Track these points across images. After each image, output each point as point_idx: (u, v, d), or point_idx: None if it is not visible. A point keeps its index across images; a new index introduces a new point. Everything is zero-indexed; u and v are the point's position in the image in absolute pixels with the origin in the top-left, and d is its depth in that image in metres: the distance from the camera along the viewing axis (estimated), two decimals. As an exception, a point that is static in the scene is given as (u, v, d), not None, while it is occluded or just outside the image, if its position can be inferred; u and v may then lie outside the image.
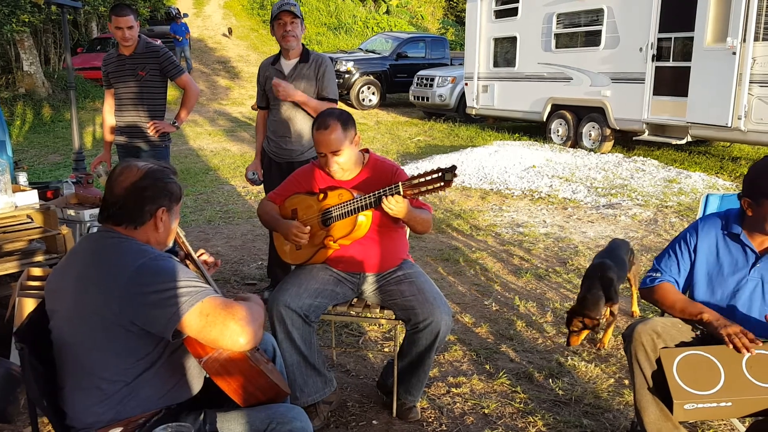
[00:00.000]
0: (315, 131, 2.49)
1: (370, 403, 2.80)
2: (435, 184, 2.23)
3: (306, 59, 3.62)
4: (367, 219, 2.45)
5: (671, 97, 8.41)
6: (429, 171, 2.25)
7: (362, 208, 2.40)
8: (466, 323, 3.67)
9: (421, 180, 2.26)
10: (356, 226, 2.44)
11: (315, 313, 2.47)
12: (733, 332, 2.00)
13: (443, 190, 2.26)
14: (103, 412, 1.57)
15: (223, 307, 1.53)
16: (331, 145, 2.45)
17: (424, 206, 2.59)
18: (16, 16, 12.22)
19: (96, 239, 1.66)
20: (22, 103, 13.16)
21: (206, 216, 6.18)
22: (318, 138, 2.48)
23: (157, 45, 4.14)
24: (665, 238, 5.31)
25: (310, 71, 3.60)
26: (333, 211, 2.49)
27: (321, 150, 2.49)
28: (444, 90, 12.96)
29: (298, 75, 3.61)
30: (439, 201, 6.78)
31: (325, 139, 2.45)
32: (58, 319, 1.61)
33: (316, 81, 3.61)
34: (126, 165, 1.68)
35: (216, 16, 24.08)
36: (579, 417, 2.68)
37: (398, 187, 2.30)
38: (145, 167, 1.67)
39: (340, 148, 2.46)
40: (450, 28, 25.41)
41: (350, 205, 2.43)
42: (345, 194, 2.47)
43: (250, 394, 1.64)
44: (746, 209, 2.09)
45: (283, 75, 3.62)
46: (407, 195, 2.30)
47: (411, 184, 2.28)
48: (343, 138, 2.46)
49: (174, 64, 4.08)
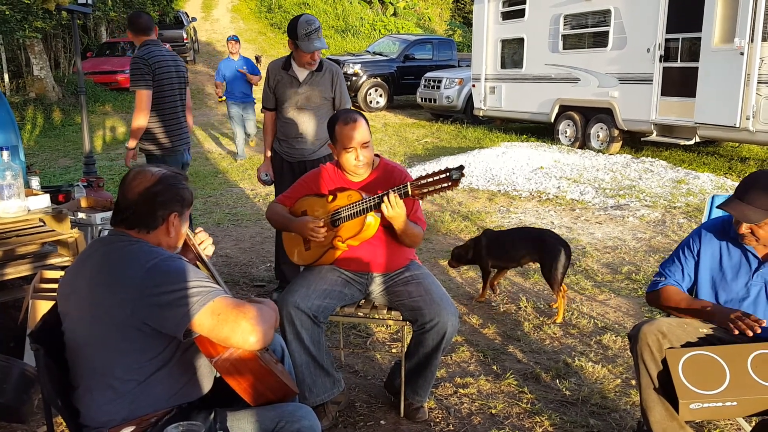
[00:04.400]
0: (342, 126, 2.54)
1: (378, 403, 2.82)
2: (443, 183, 2.25)
3: (320, 68, 3.68)
4: (375, 220, 2.47)
5: (679, 97, 8.38)
6: (437, 171, 2.27)
7: (371, 208, 2.43)
8: (473, 324, 3.69)
9: (429, 180, 2.28)
10: (365, 227, 2.47)
11: (324, 313, 2.50)
12: (735, 316, 2.03)
13: (451, 190, 2.28)
14: (116, 411, 1.60)
15: (234, 306, 1.56)
16: (362, 136, 2.53)
17: (419, 221, 2.62)
18: (29, 22, 12.35)
19: (108, 242, 1.69)
20: (33, 108, 13.29)
21: (215, 219, 6.22)
22: (348, 132, 2.52)
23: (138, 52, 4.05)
24: (673, 239, 5.30)
25: (325, 79, 3.69)
26: (342, 212, 2.52)
27: (350, 144, 2.53)
28: (451, 92, 12.97)
29: (313, 82, 3.69)
30: (446, 203, 6.79)
31: (355, 132, 2.52)
32: (71, 320, 1.65)
33: (332, 89, 3.70)
34: (140, 170, 1.72)
35: (224, 20, 24.22)
36: (586, 417, 2.69)
37: (407, 186, 2.32)
38: (159, 173, 1.70)
39: (369, 139, 2.56)
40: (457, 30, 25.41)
41: (359, 206, 2.46)
42: (354, 195, 2.50)
43: (260, 394, 1.67)
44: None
45: (298, 81, 3.69)
46: (416, 195, 2.32)
47: (419, 184, 2.31)
48: (368, 130, 2.57)
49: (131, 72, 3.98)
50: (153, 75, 3.93)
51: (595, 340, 3.46)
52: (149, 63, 3.91)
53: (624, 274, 4.50)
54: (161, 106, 4.03)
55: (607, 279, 4.44)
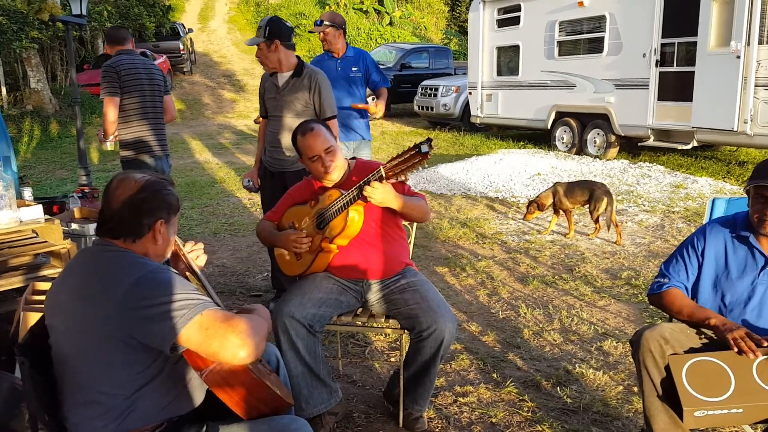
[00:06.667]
0: (301, 138, 2.58)
1: (377, 413, 2.78)
2: (414, 159, 2.25)
3: (299, 73, 3.65)
4: (358, 214, 2.48)
5: (676, 102, 8.38)
6: (407, 149, 2.28)
7: (351, 201, 2.44)
8: (472, 332, 3.65)
9: (400, 159, 2.28)
10: (348, 222, 2.47)
11: (319, 323, 2.46)
12: (738, 335, 1.97)
13: (422, 165, 2.28)
14: (104, 426, 1.55)
15: (223, 320, 1.52)
16: (322, 143, 2.54)
17: (416, 194, 2.63)
18: (25, 32, 12.35)
19: (93, 252, 1.65)
20: (30, 120, 13.26)
21: (212, 228, 6.18)
22: (307, 142, 2.56)
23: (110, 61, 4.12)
24: (672, 244, 5.27)
25: (303, 85, 3.63)
26: (325, 212, 2.53)
27: (312, 153, 2.56)
28: (448, 99, 12.98)
29: (292, 88, 3.65)
30: (444, 209, 6.76)
31: (314, 141, 2.55)
32: (58, 333, 1.61)
33: (311, 96, 3.63)
34: (123, 177, 1.66)
35: (221, 31, 24.29)
36: (588, 425, 2.64)
37: (380, 171, 2.33)
38: (143, 179, 1.65)
39: (330, 143, 2.56)
40: (453, 38, 25.49)
41: (339, 202, 2.47)
42: (334, 193, 2.52)
43: (252, 407, 1.62)
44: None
45: (277, 87, 3.68)
46: (389, 176, 2.32)
47: (391, 165, 2.31)
48: (329, 135, 2.58)
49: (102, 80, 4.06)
50: (120, 82, 4.01)
51: (595, 346, 3.42)
52: (118, 71, 4.02)
53: (624, 280, 4.46)
54: (129, 113, 4.11)
55: (606, 284, 4.40)
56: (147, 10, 18.27)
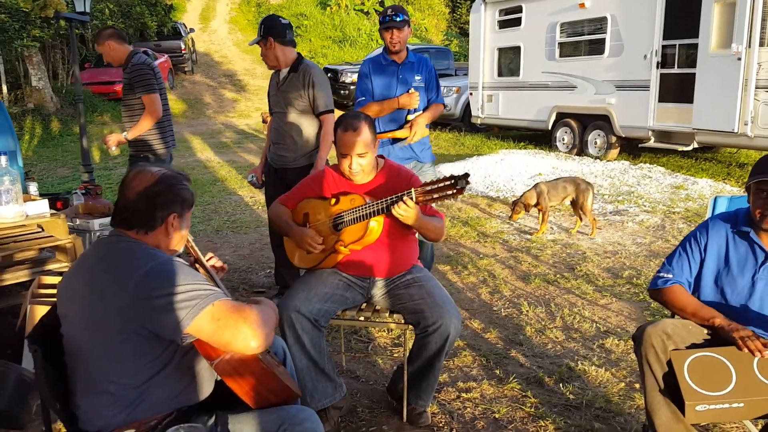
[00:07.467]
0: (342, 132, 2.47)
1: (381, 408, 2.80)
2: (448, 191, 2.24)
3: (295, 69, 3.69)
4: (378, 225, 2.45)
5: (677, 103, 8.40)
6: (443, 178, 2.27)
7: (374, 213, 2.40)
8: (475, 329, 3.67)
9: (434, 187, 2.27)
10: (367, 232, 2.44)
11: (325, 317, 2.47)
12: (745, 335, 1.99)
13: (456, 198, 2.27)
14: (114, 415, 1.57)
15: (234, 310, 1.54)
16: (359, 147, 2.45)
17: (437, 214, 2.59)
18: (27, 31, 12.35)
19: (107, 243, 1.67)
20: (31, 118, 13.27)
21: (214, 226, 6.20)
22: (346, 139, 2.45)
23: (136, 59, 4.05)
24: (673, 244, 5.29)
25: (298, 80, 3.67)
26: (345, 216, 2.49)
27: (346, 151, 2.47)
28: (449, 100, 13.00)
29: (289, 83, 3.69)
30: (446, 209, 6.78)
31: (354, 141, 2.44)
32: (69, 323, 1.62)
33: (305, 91, 3.65)
34: (140, 170, 1.69)
35: (222, 31, 24.29)
36: (590, 421, 2.66)
37: (411, 193, 2.30)
38: (159, 173, 1.68)
39: (367, 151, 2.47)
40: (454, 40, 25.50)
41: (362, 211, 2.43)
42: (357, 199, 2.47)
43: (262, 396, 1.64)
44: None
45: (278, 82, 3.75)
46: (419, 201, 2.30)
47: (424, 190, 2.29)
48: (370, 141, 2.48)
49: (140, 79, 3.98)
50: (156, 80, 4.01)
51: (597, 344, 3.44)
52: (153, 68, 4.02)
53: (625, 279, 4.49)
54: (137, 111, 4.08)
55: (608, 283, 4.42)
56: (149, 9, 18.28)
